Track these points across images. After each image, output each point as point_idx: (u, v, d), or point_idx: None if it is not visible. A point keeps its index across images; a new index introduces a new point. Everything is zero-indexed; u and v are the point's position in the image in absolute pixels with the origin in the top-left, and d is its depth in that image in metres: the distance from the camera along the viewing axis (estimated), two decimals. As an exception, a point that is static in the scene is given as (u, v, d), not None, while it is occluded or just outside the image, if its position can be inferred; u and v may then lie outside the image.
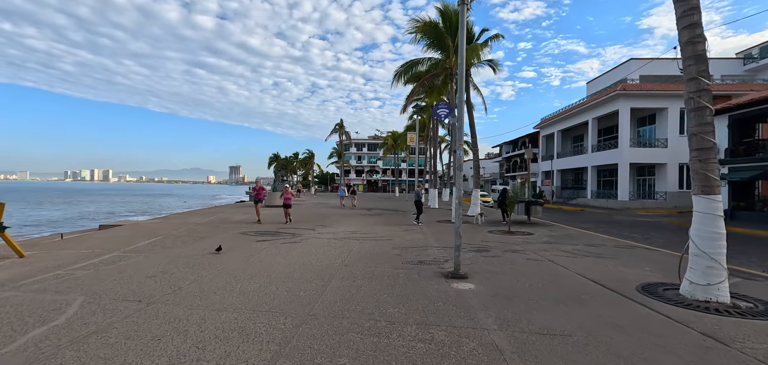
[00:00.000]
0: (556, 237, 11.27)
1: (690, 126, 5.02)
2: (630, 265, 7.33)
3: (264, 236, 10.61)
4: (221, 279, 5.91)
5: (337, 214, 19.31)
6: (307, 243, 9.52)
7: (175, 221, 15.41)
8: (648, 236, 12.99)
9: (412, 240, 10.26)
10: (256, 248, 8.65)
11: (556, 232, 12.50)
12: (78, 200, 56.60)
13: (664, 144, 32.46)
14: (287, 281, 5.85)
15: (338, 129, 61.31)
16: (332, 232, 11.89)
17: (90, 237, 10.70)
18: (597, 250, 9.05)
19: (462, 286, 5.65)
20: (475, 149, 18.34)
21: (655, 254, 8.68)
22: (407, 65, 17.39)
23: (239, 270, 6.47)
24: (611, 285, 5.79)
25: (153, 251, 8.27)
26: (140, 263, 6.95)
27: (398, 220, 16.53)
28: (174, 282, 5.64)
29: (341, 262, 7.31)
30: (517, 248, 9.08)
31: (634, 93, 32.66)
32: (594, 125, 38.09)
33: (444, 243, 9.81)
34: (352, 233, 11.59)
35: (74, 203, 50.43)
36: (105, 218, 26.26)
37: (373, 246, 9.16)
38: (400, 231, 12.30)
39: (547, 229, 13.32)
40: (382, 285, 5.66)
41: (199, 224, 13.28)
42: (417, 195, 16.43)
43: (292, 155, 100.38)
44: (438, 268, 6.91)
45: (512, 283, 5.87)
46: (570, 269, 6.93)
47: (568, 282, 5.96)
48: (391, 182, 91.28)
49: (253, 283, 5.67)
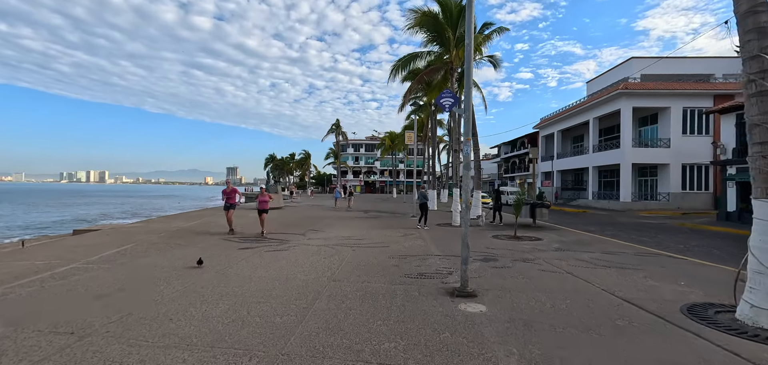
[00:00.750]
0: (567, 243, 10.38)
1: (751, 115, 4.12)
2: (661, 278, 6.43)
3: (248, 244, 9.65)
4: (184, 299, 4.96)
5: (332, 217, 18.37)
6: (295, 251, 8.57)
7: (158, 225, 14.42)
8: (658, 239, 12.17)
9: (410, 247, 9.34)
10: (236, 258, 7.69)
11: (565, 237, 11.61)
12: (72, 203, 55.18)
13: (667, 144, 31.76)
14: (263, 302, 4.90)
15: (335, 129, 60.31)
16: (324, 238, 10.94)
17: (56, 245, 9.71)
18: (617, 259, 8.15)
19: (471, 308, 4.73)
20: (475, 148, 17.44)
21: (684, 265, 7.79)
22: (405, 59, 16.40)
23: (209, 287, 5.52)
24: (649, 305, 4.88)
25: (118, 261, 7.30)
26: (96, 279, 5.98)
27: (396, 223, 15.61)
28: (125, 305, 4.69)
29: (330, 276, 6.37)
30: (528, 257, 8.17)
31: (636, 92, 31.94)
32: (595, 125, 37.37)
33: (446, 251, 8.89)
34: (346, 239, 10.65)
35: (68, 205, 49.09)
36: (93, 222, 25.21)
37: (368, 255, 8.23)
38: (397, 236, 11.37)
39: (556, 233, 12.44)
40: (375, 307, 4.73)
41: (181, 229, 12.32)
42: (422, 196, 14.90)
43: (289, 155, 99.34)
44: (441, 283, 5.98)
45: (530, 303, 4.95)
46: (594, 283, 6.02)
47: (596, 302, 5.04)
48: (389, 183, 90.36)
49: (221, 305, 4.72)
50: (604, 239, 11.65)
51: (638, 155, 32.25)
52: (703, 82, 32.91)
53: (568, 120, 42.38)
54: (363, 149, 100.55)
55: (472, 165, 4.76)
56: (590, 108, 37.33)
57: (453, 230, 13.16)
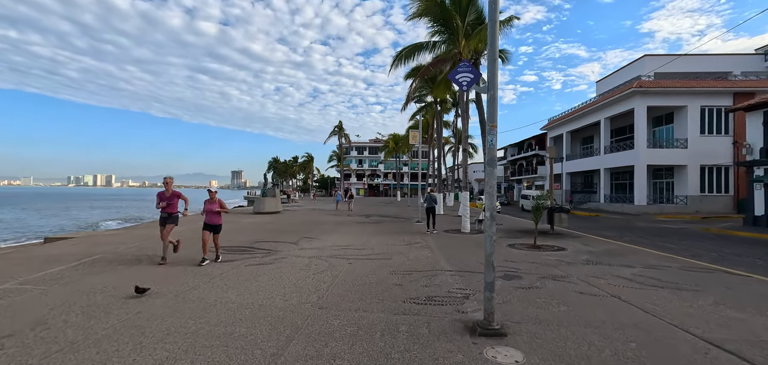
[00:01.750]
0: (596, 254, 9.00)
1: None
2: (737, 305, 5.04)
3: (229, 254, 8.38)
4: (113, 340, 3.69)
5: (330, 222, 17.09)
6: (280, 266, 7.28)
7: (140, 232, 13.25)
8: (685, 245, 10.87)
9: (416, 260, 8.02)
10: (206, 276, 6.41)
11: (591, 246, 10.22)
12: (75, 206, 54.45)
13: (684, 145, 30.26)
14: (218, 345, 3.62)
15: (338, 131, 59.04)
16: (318, 247, 9.65)
17: (7, 257, 8.49)
18: (664, 276, 6.77)
19: (503, 356, 3.42)
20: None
21: (753, 284, 6.38)
22: (408, 50, 14.91)
23: (156, 321, 4.24)
24: (751, 354, 3.53)
25: (63, 280, 6.06)
26: (20, 306, 4.73)
27: (399, 229, 14.29)
28: (31, 349, 3.43)
29: (316, 300, 5.08)
30: (558, 274, 6.83)
31: (651, 90, 30.48)
32: (606, 126, 35.94)
33: (459, 265, 7.56)
34: (343, 249, 9.36)
35: (71, 209, 48.35)
36: (92, 227, 24.27)
37: (366, 270, 6.94)
38: (401, 245, 10.06)
39: (578, 241, 11.07)
40: (370, 354, 3.44)
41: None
42: (430, 200, 13.84)
43: (291, 158, 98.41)
44: (456, 311, 4.68)
45: (582, 348, 3.62)
46: (655, 314, 4.66)
47: (673, 346, 3.69)
48: (393, 186, 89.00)
49: (159, 352, 3.45)
50: (634, 248, 10.25)
51: (653, 156, 30.76)
52: (721, 80, 31.39)
53: (577, 121, 40.96)
54: (367, 151, 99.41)
55: (496, 162, 3.58)
56: (601, 108, 35.92)
57: (463, 238, 11.85)
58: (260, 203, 21.75)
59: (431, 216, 13.54)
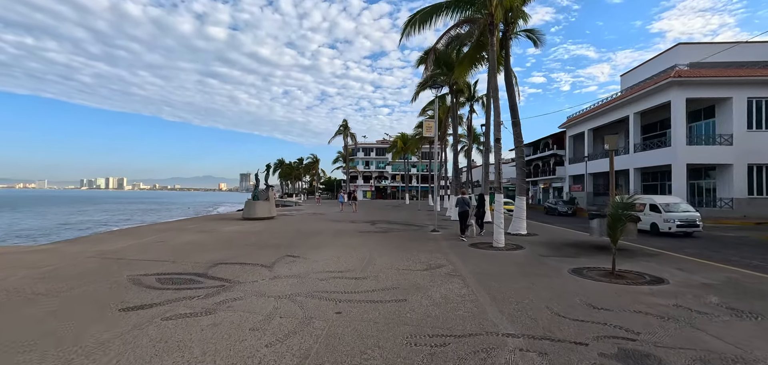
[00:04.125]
0: (717, 288, 5.99)
1: None
2: None
3: (155, 291, 5.57)
4: None
5: (328, 231, 14.23)
6: (223, 319, 4.43)
7: (93, 246, 10.61)
8: None
9: (446, 304, 5.08)
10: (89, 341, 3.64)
11: (698, 274, 7.01)
12: (82, 210, 52.77)
13: (729, 141, 26.96)
14: None
15: (343, 130, 56.23)
16: (299, 274, 6.80)
17: None
18: None
19: None
20: (518, 138, 12.74)
21: None
22: (424, 13, 11.42)
23: None
24: None
25: None
26: None
27: (412, 241, 11.39)
28: None
29: None
30: (703, 339, 3.89)
31: (691, 80, 27.22)
32: (636, 121, 32.74)
33: (519, 316, 4.58)
34: (334, 278, 6.52)
35: (77, 212, 46.54)
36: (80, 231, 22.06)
37: (365, 330, 4.08)
38: (418, 270, 7.18)
39: (669, 264, 7.96)
40: None
41: (120, 250, 8.44)
42: (462, 203, 12.35)
43: (297, 160, 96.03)
44: None
45: None
46: None
47: None
48: (401, 188, 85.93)
49: None
50: (757, 275, 7.21)
51: (693, 154, 27.51)
52: (773, 68, 27.97)
53: (601, 117, 37.77)
54: (374, 152, 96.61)
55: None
56: (629, 102, 32.73)
57: (501, 257, 8.87)
58: (250, 207, 18.90)
59: (464, 222, 12.40)
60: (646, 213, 16.37)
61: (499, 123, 10.24)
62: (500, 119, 10.31)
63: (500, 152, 10.53)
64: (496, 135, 10.17)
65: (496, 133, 10.21)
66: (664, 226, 15.43)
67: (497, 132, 10.20)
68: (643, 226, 15.32)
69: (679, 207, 16.25)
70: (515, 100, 12.41)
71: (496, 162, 10.64)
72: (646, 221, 16.12)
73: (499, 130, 10.24)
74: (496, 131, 10.26)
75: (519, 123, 12.28)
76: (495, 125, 10.24)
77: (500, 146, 10.32)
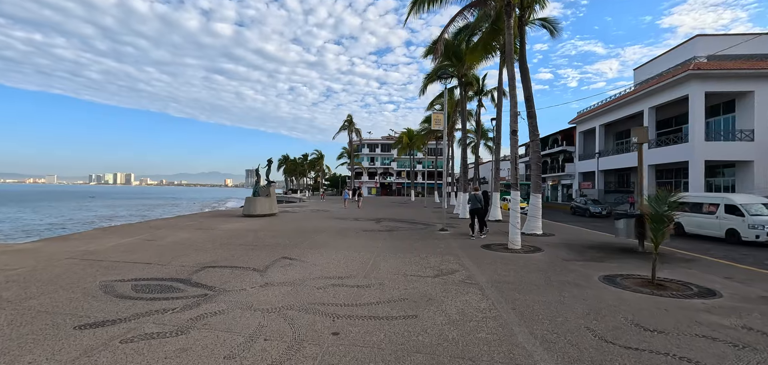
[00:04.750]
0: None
1: None
2: None
3: (131, 301, 4.86)
4: None
5: (330, 230, 13.48)
6: (202, 334, 3.72)
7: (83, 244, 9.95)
8: None
9: (464, 321, 4.29)
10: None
11: (753, 284, 6.19)
12: (85, 206, 52.81)
13: (750, 137, 25.80)
14: None
15: (347, 126, 55.39)
16: (295, 280, 6.06)
17: None
18: None
19: None
20: (534, 131, 11.93)
21: None
22: None
23: None
24: None
25: None
26: None
27: (420, 241, 10.61)
28: None
29: None
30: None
31: (711, 73, 26.05)
32: (651, 116, 31.61)
33: (553, 338, 3.82)
34: (333, 285, 5.77)
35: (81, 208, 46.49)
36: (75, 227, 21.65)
37: (368, 355, 3.33)
38: (428, 276, 6.40)
39: (712, 273, 7.03)
40: None
41: (104, 250, 7.77)
42: (474, 200, 11.82)
43: (302, 156, 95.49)
44: None
45: None
46: None
47: None
48: (406, 185, 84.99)
49: None
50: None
51: (711, 150, 26.41)
52: (799, 60, 26.65)
53: (613, 112, 36.65)
54: (379, 149, 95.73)
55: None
56: (644, 96, 31.58)
57: (519, 261, 8.04)
58: (251, 204, 18.19)
59: (475, 219, 11.92)
60: (720, 217, 13.13)
61: (516, 114, 9.34)
62: (517, 109, 9.40)
63: (516, 145, 9.65)
64: (512, 126, 9.27)
65: (512, 124, 9.30)
66: (749, 234, 11.99)
67: (514, 123, 9.29)
68: (716, 232, 12.86)
69: (763, 210, 12.71)
70: (531, 90, 11.53)
71: (513, 156, 9.77)
72: (720, 226, 13.00)
73: (516, 121, 9.34)
74: (512, 122, 9.36)
75: (535, 115, 11.42)
76: (511, 116, 9.35)
77: (517, 139, 9.43)
